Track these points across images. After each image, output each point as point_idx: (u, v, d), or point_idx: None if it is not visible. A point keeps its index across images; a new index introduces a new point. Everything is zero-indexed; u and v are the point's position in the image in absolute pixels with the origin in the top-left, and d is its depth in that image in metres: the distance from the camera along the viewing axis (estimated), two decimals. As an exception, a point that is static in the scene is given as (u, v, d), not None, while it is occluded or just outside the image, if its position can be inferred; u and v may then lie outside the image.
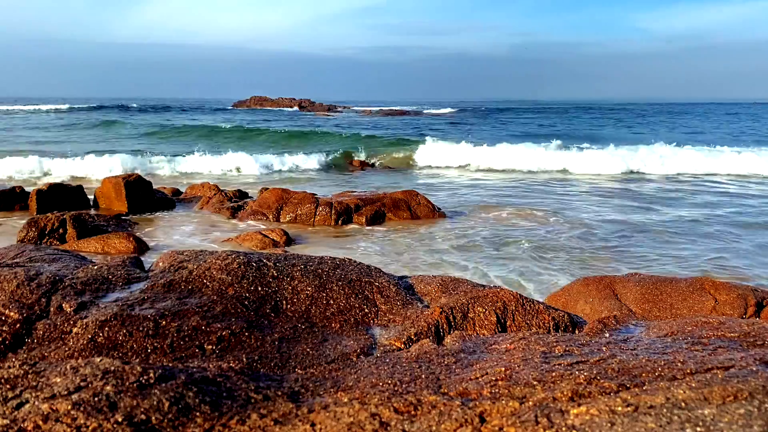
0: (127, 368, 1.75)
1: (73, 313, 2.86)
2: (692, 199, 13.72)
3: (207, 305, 2.99)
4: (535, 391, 1.68)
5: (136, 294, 3.10)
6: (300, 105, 73.03)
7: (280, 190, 10.84)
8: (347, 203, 10.31)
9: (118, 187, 10.44)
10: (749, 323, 2.42)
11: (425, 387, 1.87)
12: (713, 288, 4.75)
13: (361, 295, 3.32)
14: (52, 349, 2.60)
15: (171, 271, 3.40)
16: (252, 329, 2.82)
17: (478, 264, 7.66)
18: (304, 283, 3.31)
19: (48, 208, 9.61)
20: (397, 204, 10.56)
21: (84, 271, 3.36)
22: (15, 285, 3.02)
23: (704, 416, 1.35)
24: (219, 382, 1.80)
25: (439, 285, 3.67)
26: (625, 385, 1.67)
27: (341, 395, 1.80)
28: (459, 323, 3.05)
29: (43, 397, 1.60)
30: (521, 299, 3.27)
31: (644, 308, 4.66)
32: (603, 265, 7.68)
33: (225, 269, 3.33)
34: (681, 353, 1.98)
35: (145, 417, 1.54)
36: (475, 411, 1.57)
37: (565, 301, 4.96)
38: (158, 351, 2.61)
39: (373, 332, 2.99)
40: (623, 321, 3.02)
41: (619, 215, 11.23)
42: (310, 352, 2.70)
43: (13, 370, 1.77)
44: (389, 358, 2.39)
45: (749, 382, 1.52)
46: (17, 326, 2.71)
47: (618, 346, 2.18)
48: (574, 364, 1.93)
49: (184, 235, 9.10)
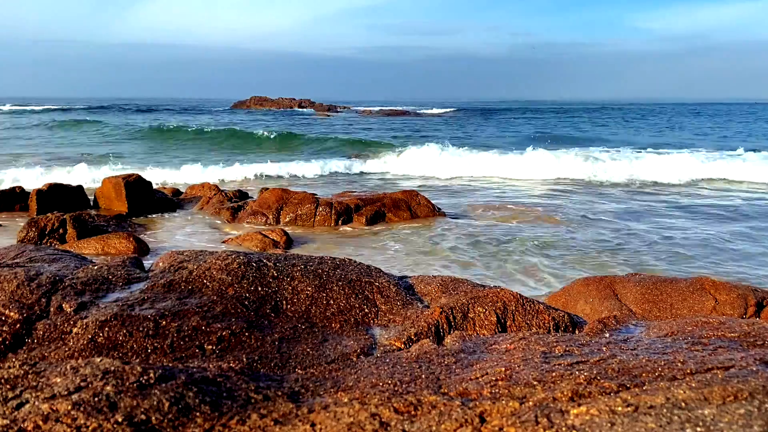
0: (127, 368, 1.75)
1: (73, 313, 2.86)
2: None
3: (207, 305, 2.99)
4: (535, 391, 1.68)
5: (136, 294, 3.10)
6: (300, 105, 73.05)
7: (280, 191, 10.84)
8: (347, 203, 10.31)
9: (118, 187, 10.44)
10: (749, 323, 2.42)
11: (425, 387, 1.87)
12: (713, 288, 4.75)
13: (361, 295, 3.32)
14: (52, 349, 2.60)
15: (171, 271, 3.40)
16: (252, 329, 2.82)
17: (478, 264, 7.66)
18: (304, 283, 3.31)
19: (48, 209, 9.61)
20: (397, 204, 10.56)
21: (84, 272, 3.36)
22: (15, 285, 3.02)
23: (704, 416, 1.35)
24: (219, 382, 1.80)
25: (439, 285, 3.67)
26: (626, 385, 1.67)
27: (341, 395, 1.80)
28: (459, 323, 3.05)
29: (43, 397, 1.60)
30: (521, 299, 3.27)
31: (644, 308, 4.66)
32: (603, 264, 7.69)
33: (225, 269, 3.33)
34: (681, 353, 1.98)
35: (145, 417, 1.54)
36: (475, 411, 1.57)
37: (565, 301, 4.96)
38: (158, 351, 2.61)
39: (373, 332, 2.99)
40: (623, 321, 3.02)
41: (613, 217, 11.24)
42: (310, 352, 2.70)
43: (13, 370, 1.77)
44: (389, 358, 2.39)
45: (749, 382, 1.52)
46: (17, 326, 2.71)
47: (618, 346, 2.18)
48: (574, 364, 1.93)
49: (184, 235, 9.10)
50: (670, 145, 27.17)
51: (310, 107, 73.39)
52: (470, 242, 8.76)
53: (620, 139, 32.47)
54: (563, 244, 8.67)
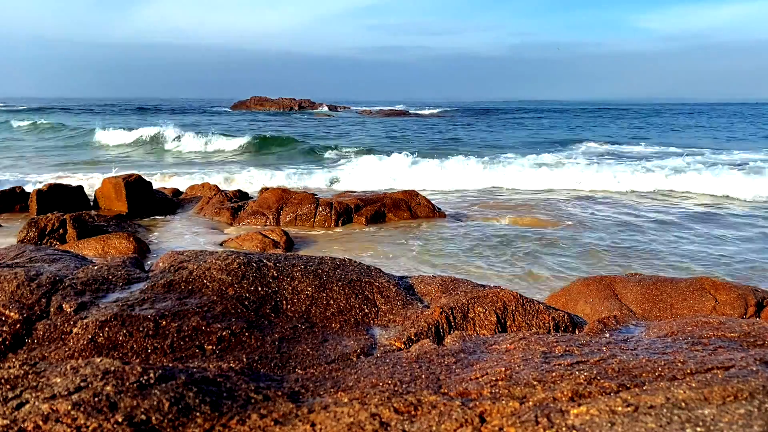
0: (127, 368, 1.75)
1: (73, 313, 2.86)
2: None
3: (207, 305, 2.99)
4: (535, 391, 1.68)
5: (137, 294, 3.10)
6: (300, 105, 73.03)
7: (280, 191, 10.84)
8: (347, 203, 10.31)
9: (119, 187, 10.44)
10: (749, 323, 2.42)
11: (425, 387, 1.87)
12: (713, 288, 4.75)
13: (361, 295, 3.32)
14: (53, 350, 2.60)
15: (171, 271, 3.40)
16: (252, 329, 2.82)
17: (478, 263, 7.66)
18: (304, 284, 3.31)
19: (48, 209, 9.61)
20: (397, 204, 10.56)
21: (84, 272, 3.36)
22: (15, 285, 3.02)
23: (704, 416, 1.35)
24: (219, 383, 1.80)
25: (439, 285, 3.67)
26: (625, 385, 1.67)
27: (341, 395, 1.80)
28: (459, 323, 3.05)
29: (43, 397, 1.60)
30: (521, 299, 3.27)
31: (644, 308, 4.66)
32: (602, 264, 7.69)
33: (225, 269, 3.33)
34: (681, 353, 1.98)
35: (145, 417, 1.54)
36: (475, 411, 1.57)
37: (565, 301, 4.96)
38: (158, 351, 2.61)
39: (373, 332, 2.99)
40: (623, 321, 3.02)
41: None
42: (310, 352, 2.70)
43: (14, 370, 1.78)
44: (389, 359, 2.39)
45: (749, 382, 1.52)
46: (17, 326, 2.71)
47: (618, 346, 2.18)
48: (575, 364, 1.93)
49: (184, 236, 9.10)
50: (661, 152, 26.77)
51: (311, 107, 73.38)
52: (470, 242, 8.76)
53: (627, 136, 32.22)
54: (563, 245, 8.67)
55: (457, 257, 7.99)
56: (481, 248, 8.43)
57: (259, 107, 72.46)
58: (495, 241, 8.80)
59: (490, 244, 8.63)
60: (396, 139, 32.97)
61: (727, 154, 23.61)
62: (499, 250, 8.31)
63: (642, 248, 8.60)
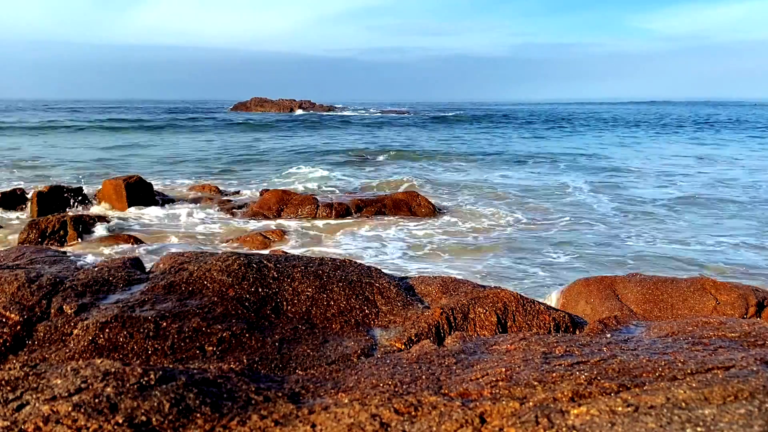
0: (127, 370, 1.75)
1: (73, 314, 2.86)
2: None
3: (207, 306, 2.99)
4: (536, 392, 1.68)
5: (137, 295, 3.10)
6: (300, 106, 73.01)
7: (280, 192, 10.85)
8: (347, 204, 10.32)
9: (119, 188, 10.45)
10: (750, 323, 2.42)
11: (426, 388, 1.87)
12: (714, 288, 4.75)
13: (361, 296, 3.32)
14: (53, 351, 2.61)
15: (171, 272, 3.39)
16: (252, 330, 2.82)
17: (478, 263, 7.65)
18: (304, 284, 3.31)
19: (48, 210, 9.62)
20: (397, 204, 10.57)
21: (84, 273, 3.37)
22: (16, 287, 3.02)
23: (705, 416, 1.34)
24: (219, 384, 1.80)
25: (439, 286, 3.67)
26: (626, 386, 1.67)
27: (342, 396, 1.80)
28: (459, 324, 3.05)
29: (43, 398, 1.60)
30: (522, 300, 3.27)
31: (645, 308, 4.66)
32: (602, 264, 7.68)
33: (225, 270, 3.33)
34: (682, 353, 1.98)
35: (145, 418, 1.54)
36: (476, 411, 1.57)
37: (566, 302, 4.95)
38: (159, 352, 2.61)
39: (373, 333, 2.99)
40: (624, 321, 3.02)
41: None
42: (310, 353, 2.70)
43: (14, 371, 1.78)
44: (390, 359, 2.39)
45: (750, 382, 1.52)
46: (18, 328, 2.72)
47: (618, 347, 2.18)
48: (575, 365, 1.92)
49: (185, 236, 9.10)
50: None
51: (311, 109, 73.33)
52: (471, 242, 8.76)
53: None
54: (563, 245, 8.67)
55: (458, 257, 7.99)
56: (482, 248, 8.43)
57: (259, 108, 72.42)
58: (496, 241, 8.80)
59: (491, 244, 8.63)
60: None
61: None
62: (499, 249, 8.32)
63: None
